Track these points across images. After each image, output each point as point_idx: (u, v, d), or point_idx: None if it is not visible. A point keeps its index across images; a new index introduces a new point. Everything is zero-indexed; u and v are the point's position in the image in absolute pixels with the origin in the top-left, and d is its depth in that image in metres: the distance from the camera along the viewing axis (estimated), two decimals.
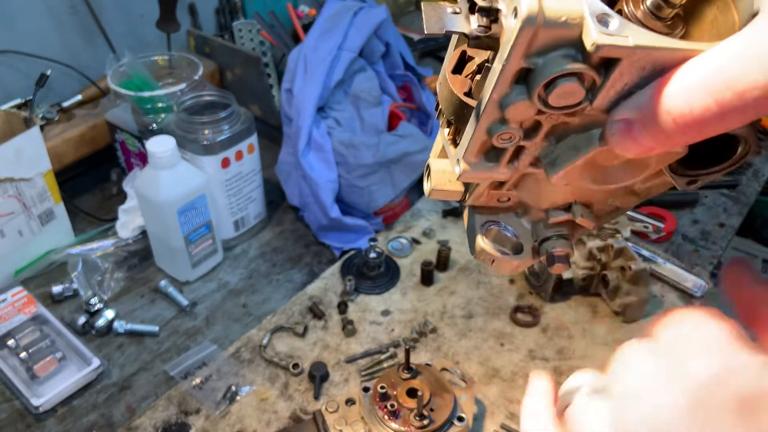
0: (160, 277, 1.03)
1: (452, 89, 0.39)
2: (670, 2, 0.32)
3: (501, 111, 0.33)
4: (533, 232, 0.45)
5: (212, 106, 1.03)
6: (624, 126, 0.32)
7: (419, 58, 1.63)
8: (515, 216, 0.46)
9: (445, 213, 1.16)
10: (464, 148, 0.37)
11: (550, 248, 0.44)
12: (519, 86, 0.32)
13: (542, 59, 0.31)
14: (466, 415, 0.74)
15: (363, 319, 0.97)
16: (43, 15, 1.18)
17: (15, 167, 0.93)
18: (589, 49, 0.29)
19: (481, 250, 0.45)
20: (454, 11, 0.35)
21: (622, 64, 0.30)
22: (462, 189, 0.44)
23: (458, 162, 0.38)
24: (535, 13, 0.29)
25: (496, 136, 0.35)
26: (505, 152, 0.37)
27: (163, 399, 0.85)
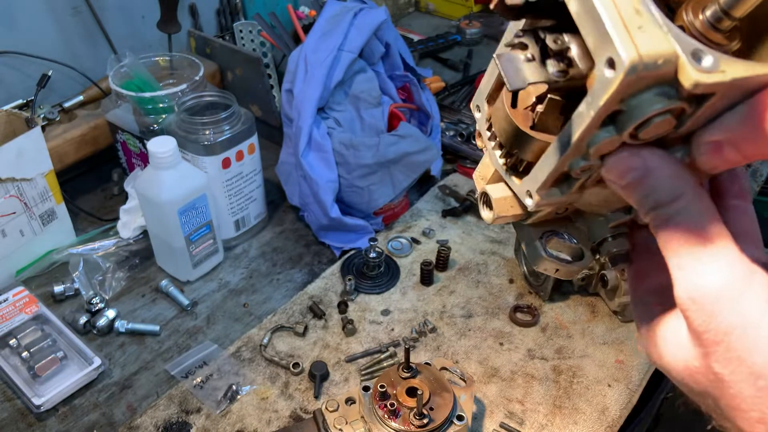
0: (161, 277, 1.03)
1: (515, 124, 0.38)
2: (730, 15, 0.32)
3: (586, 148, 0.33)
4: (589, 235, 0.44)
5: (213, 107, 1.03)
6: (714, 147, 0.33)
7: (419, 58, 1.64)
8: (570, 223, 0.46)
9: (444, 213, 1.16)
10: (539, 182, 0.37)
11: (611, 248, 0.43)
12: (606, 126, 0.32)
13: (635, 100, 0.30)
14: (466, 414, 0.74)
15: (363, 318, 0.97)
16: (44, 16, 1.18)
17: (16, 167, 0.93)
18: (688, 87, 0.29)
19: (544, 260, 0.44)
20: (527, 59, 0.34)
21: (716, 95, 0.30)
22: (523, 212, 0.43)
23: (530, 194, 0.38)
24: (636, 63, 0.28)
25: (576, 170, 0.35)
26: (578, 181, 0.36)
27: (164, 398, 0.85)
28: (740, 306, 0.31)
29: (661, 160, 0.33)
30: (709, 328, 0.32)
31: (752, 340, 0.31)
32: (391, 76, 1.20)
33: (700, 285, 0.32)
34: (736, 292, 0.31)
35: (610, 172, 0.34)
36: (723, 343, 0.31)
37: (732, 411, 0.33)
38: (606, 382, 0.88)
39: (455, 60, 1.64)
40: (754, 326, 0.31)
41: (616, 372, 0.89)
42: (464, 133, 1.29)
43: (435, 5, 1.94)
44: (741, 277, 0.31)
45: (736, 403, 0.32)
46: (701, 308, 0.32)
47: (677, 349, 0.35)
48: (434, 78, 1.45)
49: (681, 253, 0.33)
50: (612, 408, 0.85)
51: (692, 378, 0.35)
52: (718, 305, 0.31)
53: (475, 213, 1.16)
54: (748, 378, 0.31)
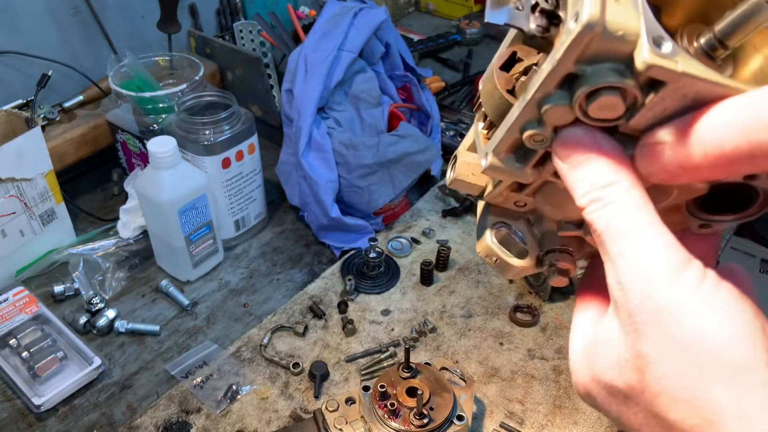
0: (161, 277, 1.03)
1: (496, 84, 0.39)
2: (724, 44, 0.32)
3: (539, 111, 0.34)
4: (541, 242, 0.45)
5: (213, 107, 1.03)
6: (654, 149, 0.33)
7: (419, 58, 1.64)
8: (527, 224, 0.46)
9: (444, 213, 1.16)
10: (496, 142, 0.38)
11: (553, 260, 0.44)
12: (562, 91, 0.33)
13: (591, 68, 0.31)
14: (466, 414, 0.74)
15: (363, 318, 0.97)
16: (44, 16, 1.18)
17: (16, 167, 0.93)
18: (639, 67, 0.30)
19: (487, 246, 0.45)
20: (517, 7, 0.35)
21: (666, 87, 0.31)
22: (483, 184, 0.44)
23: (486, 155, 0.39)
24: (596, 20, 0.29)
25: (528, 136, 0.35)
26: (533, 155, 0.37)
27: (164, 398, 0.85)
28: (673, 286, 0.31)
29: (609, 143, 0.34)
30: (643, 309, 0.32)
31: (681, 317, 0.31)
32: (391, 76, 1.19)
33: (637, 266, 0.32)
34: (672, 273, 0.31)
35: (561, 144, 0.34)
36: (653, 322, 0.31)
37: (656, 398, 0.32)
38: None
39: (455, 60, 1.64)
40: (683, 304, 0.31)
41: None
42: (464, 133, 1.29)
43: (435, 5, 1.94)
44: (677, 261, 0.32)
45: (662, 386, 0.32)
46: (637, 289, 0.32)
47: (608, 349, 0.35)
48: (434, 78, 1.45)
49: (619, 239, 0.33)
50: None
51: (622, 375, 0.34)
52: (653, 286, 0.31)
53: (476, 213, 1.16)
54: (675, 354, 0.31)
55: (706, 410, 0.30)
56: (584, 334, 0.39)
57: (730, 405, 0.29)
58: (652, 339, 0.32)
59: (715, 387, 0.30)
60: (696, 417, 0.30)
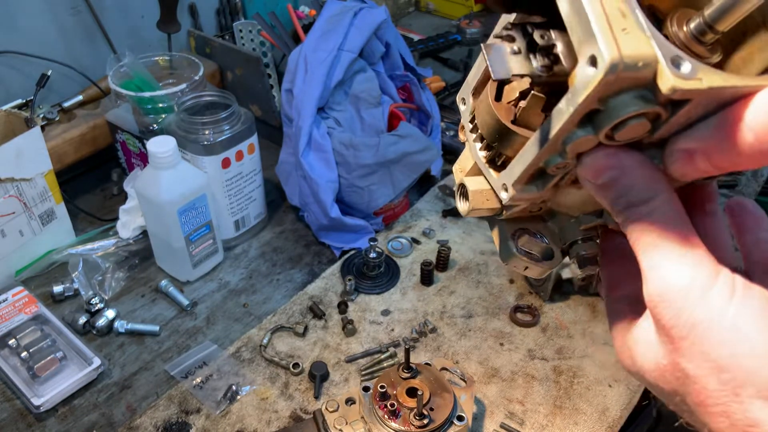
0: (160, 277, 1.03)
1: (497, 117, 0.39)
2: (713, 29, 0.32)
3: (562, 146, 0.34)
4: (561, 235, 0.45)
5: (213, 107, 1.03)
6: (686, 155, 0.33)
7: (419, 58, 1.63)
8: (543, 222, 0.46)
9: (444, 213, 1.16)
10: (515, 176, 0.37)
11: (579, 251, 0.44)
12: (584, 125, 0.32)
13: (613, 101, 0.31)
14: (466, 414, 0.74)
15: (363, 318, 0.97)
16: (44, 15, 1.18)
17: (16, 167, 0.93)
18: (666, 92, 0.29)
19: (514, 258, 0.45)
20: (513, 51, 0.35)
21: (692, 102, 0.31)
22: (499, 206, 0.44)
23: (506, 188, 0.39)
24: (617, 62, 0.29)
25: (552, 167, 0.35)
26: (554, 178, 0.37)
27: (163, 398, 0.85)
28: (705, 302, 0.32)
29: (636, 162, 0.34)
30: (677, 324, 0.33)
31: (715, 335, 0.32)
32: (391, 76, 1.19)
33: (669, 282, 0.33)
34: (703, 289, 0.32)
35: (587, 170, 0.35)
36: (689, 338, 0.33)
37: (697, 407, 0.34)
38: (606, 383, 0.88)
39: (455, 60, 1.64)
40: (717, 321, 0.32)
41: (616, 372, 0.89)
42: None
43: (435, 5, 1.93)
44: (707, 275, 0.33)
45: (701, 398, 0.33)
46: (670, 304, 0.33)
47: (647, 349, 0.36)
48: (434, 78, 1.45)
49: (651, 252, 0.34)
50: (612, 408, 0.85)
51: (662, 377, 0.36)
52: (686, 301, 0.32)
53: None
54: (711, 372, 0.32)
55: (742, 423, 0.32)
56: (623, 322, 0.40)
57: (765, 419, 0.31)
58: (688, 356, 0.33)
59: (752, 404, 0.31)
60: (733, 428, 0.32)
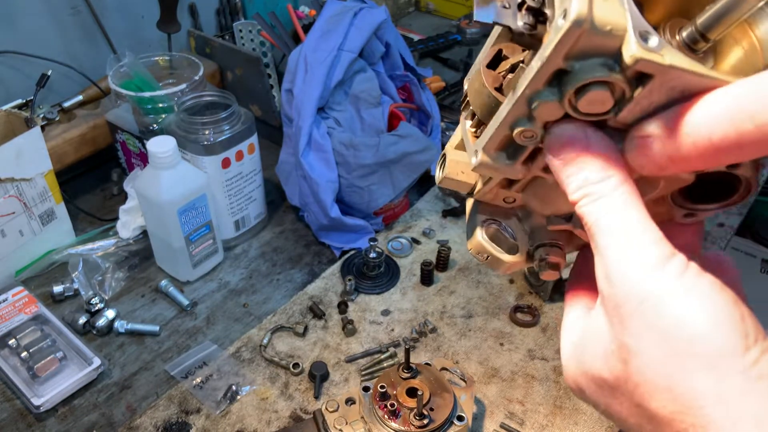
0: (160, 277, 1.03)
1: (484, 82, 0.40)
2: (705, 37, 0.33)
3: (529, 107, 0.34)
4: (531, 237, 0.46)
5: (213, 107, 1.03)
6: (643, 142, 0.33)
7: (419, 58, 1.63)
8: (516, 219, 0.47)
9: (444, 213, 1.16)
10: (486, 139, 0.38)
11: (543, 254, 0.45)
12: (551, 87, 0.33)
13: (579, 63, 0.32)
14: (466, 414, 0.74)
15: (363, 318, 0.97)
16: (44, 15, 1.18)
17: (16, 167, 0.93)
18: (628, 61, 0.30)
19: (478, 243, 0.46)
20: (504, 5, 0.36)
21: (654, 81, 0.31)
22: (472, 182, 0.45)
23: (476, 153, 0.40)
24: (584, 17, 0.30)
25: (519, 133, 0.36)
26: (523, 151, 0.38)
27: (163, 398, 0.85)
28: (656, 278, 0.32)
29: (600, 138, 0.35)
30: (628, 299, 0.33)
31: (663, 305, 0.32)
32: (391, 76, 1.19)
33: (624, 258, 0.33)
34: (655, 266, 0.32)
35: (553, 140, 0.35)
36: (637, 312, 0.33)
37: (640, 387, 0.33)
38: None
39: (455, 60, 1.64)
40: (666, 293, 0.32)
41: None
42: None
43: (435, 5, 1.93)
44: (661, 254, 0.33)
45: (645, 375, 0.33)
46: (623, 279, 0.33)
47: (596, 340, 0.36)
48: (434, 78, 1.45)
49: (608, 232, 0.34)
50: None
51: (608, 366, 0.35)
52: (639, 275, 0.33)
53: None
54: (656, 343, 0.32)
55: (685, 397, 0.31)
56: (574, 329, 0.40)
57: (709, 392, 0.30)
58: (634, 329, 0.33)
59: (694, 375, 0.30)
60: (676, 404, 0.31)
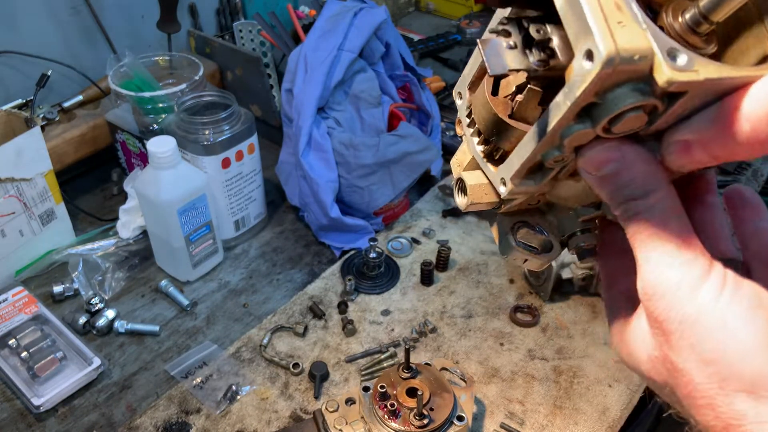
0: (160, 277, 1.03)
1: (494, 111, 0.39)
2: (708, 19, 0.33)
3: (560, 139, 0.34)
4: (559, 227, 0.46)
5: (213, 107, 1.03)
6: (683, 146, 0.34)
7: (419, 58, 1.63)
8: (540, 214, 0.47)
9: (444, 213, 1.16)
10: (513, 170, 0.38)
11: (578, 242, 0.44)
12: (582, 119, 0.33)
13: (611, 94, 0.31)
14: (466, 414, 0.74)
15: (363, 318, 0.97)
16: (44, 16, 1.18)
17: (16, 167, 0.93)
18: (662, 85, 0.30)
19: (513, 251, 0.45)
20: (510, 46, 0.35)
21: (688, 94, 0.31)
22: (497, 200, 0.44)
23: (504, 182, 0.39)
24: (614, 55, 0.29)
25: (550, 160, 0.35)
26: (551, 172, 0.37)
27: (163, 398, 0.85)
28: (695, 298, 0.33)
29: (637, 155, 0.35)
30: (667, 318, 0.34)
31: (703, 330, 0.33)
32: (391, 76, 1.19)
33: (662, 277, 0.34)
34: (693, 285, 0.33)
35: (587, 163, 0.35)
36: (678, 332, 0.34)
37: (685, 399, 0.35)
38: (607, 383, 0.88)
39: (455, 60, 1.64)
40: (705, 316, 0.33)
41: (616, 372, 0.89)
42: None
43: (435, 5, 1.93)
44: (699, 272, 0.33)
45: (689, 390, 0.34)
46: (661, 299, 0.34)
47: (641, 342, 0.38)
48: (434, 78, 1.45)
49: (647, 247, 0.35)
50: (613, 408, 0.85)
51: (654, 369, 0.37)
52: (676, 297, 0.33)
53: (476, 213, 1.16)
54: (698, 365, 0.33)
55: (727, 416, 0.33)
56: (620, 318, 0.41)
57: (748, 412, 0.32)
58: (677, 349, 0.34)
59: (735, 398, 0.33)
60: (718, 420, 0.33)
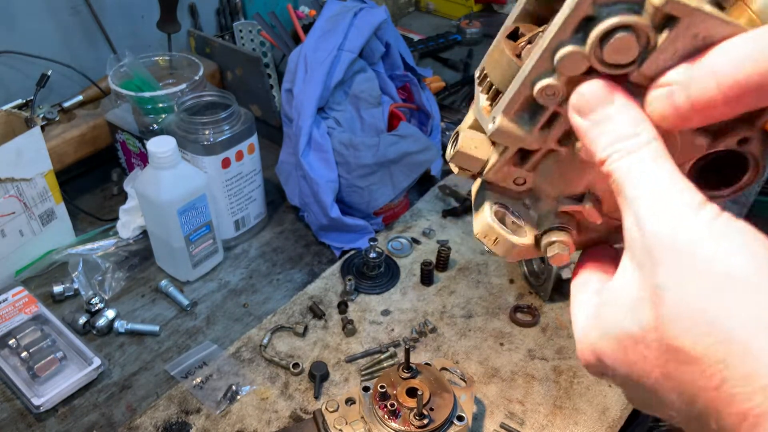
0: (160, 277, 1.03)
1: (504, 50, 0.40)
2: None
3: (552, 61, 0.35)
4: (538, 224, 0.46)
5: (213, 107, 1.03)
6: (666, 91, 0.34)
7: (419, 58, 1.63)
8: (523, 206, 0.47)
9: (444, 213, 1.16)
10: (506, 101, 0.38)
11: (552, 238, 0.44)
12: (577, 37, 0.34)
13: (606, 9, 0.33)
14: (466, 414, 0.74)
15: (363, 318, 0.97)
16: (43, 15, 1.18)
17: (16, 167, 0.93)
18: (656, 3, 0.31)
19: (486, 224, 0.46)
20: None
21: (678, 26, 0.32)
22: (485, 158, 0.44)
23: (494, 119, 0.40)
24: None
25: (541, 89, 0.36)
26: (543, 113, 0.38)
27: (163, 398, 0.85)
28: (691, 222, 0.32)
29: (626, 95, 0.35)
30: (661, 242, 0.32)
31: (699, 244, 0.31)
32: (391, 76, 1.19)
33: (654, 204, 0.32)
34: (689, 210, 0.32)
35: (579, 98, 0.35)
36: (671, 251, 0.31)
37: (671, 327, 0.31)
38: (606, 383, 0.88)
39: (455, 60, 1.64)
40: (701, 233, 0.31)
41: None
42: None
43: (435, 5, 1.93)
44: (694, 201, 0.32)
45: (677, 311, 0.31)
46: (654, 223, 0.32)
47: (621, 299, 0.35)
48: (434, 78, 1.45)
49: (637, 185, 0.33)
50: (612, 408, 0.85)
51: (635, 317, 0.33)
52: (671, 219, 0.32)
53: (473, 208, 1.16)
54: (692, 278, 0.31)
55: (722, 327, 0.30)
56: (588, 305, 0.39)
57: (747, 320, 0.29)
58: (668, 268, 0.32)
59: (732, 306, 0.30)
60: (711, 337, 0.30)
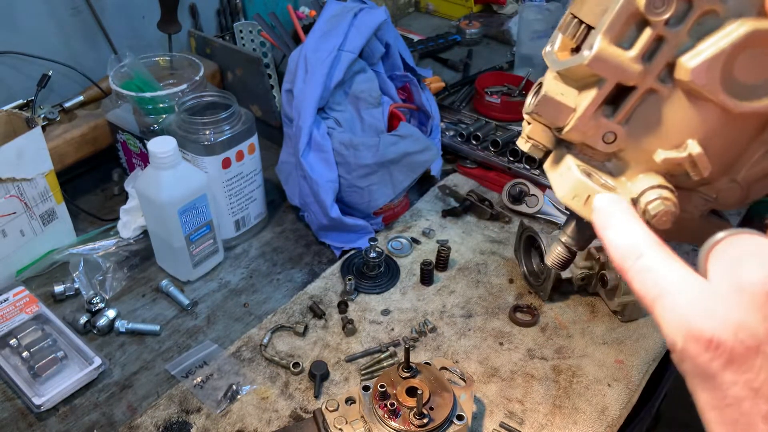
0: (161, 277, 1.04)
1: None
2: None
3: None
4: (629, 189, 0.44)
5: (213, 107, 1.04)
6: None
7: (419, 59, 1.64)
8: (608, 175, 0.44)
9: (444, 213, 1.16)
10: (607, 21, 0.37)
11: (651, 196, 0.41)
12: None
13: None
14: (466, 413, 0.74)
15: (363, 318, 0.97)
16: (44, 16, 1.18)
17: (17, 167, 0.94)
18: None
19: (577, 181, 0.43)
20: None
21: None
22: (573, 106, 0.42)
23: (592, 45, 0.38)
24: None
25: (649, 2, 0.35)
26: (645, 38, 0.37)
27: (164, 398, 0.85)
28: None
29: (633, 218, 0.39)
30: None
31: None
32: (391, 76, 1.20)
33: None
34: None
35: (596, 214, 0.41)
36: None
37: None
38: (606, 382, 0.88)
39: (455, 60, 1.64)
40: None
41: (615, 372, 0.89)
42: (464, 133, 1.29)
43: (435, 5, 1.94)
44: None
45: None
46: None
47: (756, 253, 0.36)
48: (434, 78, 1.45)
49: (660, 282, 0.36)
50: (612, 408, 0.85)
51: None
52: None
53: (475, 213, 1.16)
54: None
55: None
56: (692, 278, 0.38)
57: None
58: None
59: None
60: None
